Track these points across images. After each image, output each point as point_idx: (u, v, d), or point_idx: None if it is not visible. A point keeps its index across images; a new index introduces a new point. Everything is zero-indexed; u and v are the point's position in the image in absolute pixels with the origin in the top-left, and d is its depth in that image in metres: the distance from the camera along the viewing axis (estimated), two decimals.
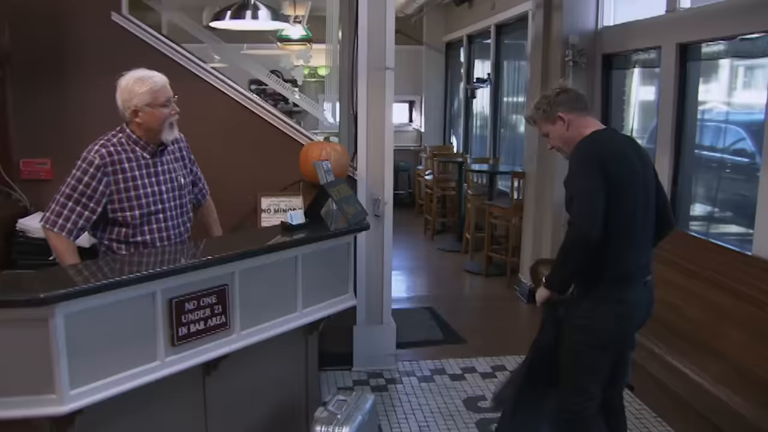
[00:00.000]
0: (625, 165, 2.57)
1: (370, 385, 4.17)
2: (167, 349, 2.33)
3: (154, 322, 2.28)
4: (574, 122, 2.70)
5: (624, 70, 5.26)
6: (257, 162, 4.08)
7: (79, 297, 2.04)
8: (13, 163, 3.80)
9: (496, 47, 7.66)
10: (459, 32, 9.22)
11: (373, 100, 4.12)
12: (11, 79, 3.73)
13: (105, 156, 2.72)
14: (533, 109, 2.81)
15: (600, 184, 2.47)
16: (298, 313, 2.85)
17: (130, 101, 2.75)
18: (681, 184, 4.49)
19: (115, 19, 3.82)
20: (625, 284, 2.59)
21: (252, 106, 4.05)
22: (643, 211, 2.63)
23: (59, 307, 1.99)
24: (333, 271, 3.04)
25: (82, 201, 2.68)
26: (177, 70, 3.90)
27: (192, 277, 2.38)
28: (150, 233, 2.83)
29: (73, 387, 2.07)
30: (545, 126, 2.78)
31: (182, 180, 2.97)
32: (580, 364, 2.68)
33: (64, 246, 2.68)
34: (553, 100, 2.73)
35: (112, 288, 2.13)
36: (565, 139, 2.72)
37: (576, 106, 2.71)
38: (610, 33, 5.26)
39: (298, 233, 2.86)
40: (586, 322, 2.61)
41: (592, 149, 2.60)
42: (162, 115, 2.78)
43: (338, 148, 3.86)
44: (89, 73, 3.75)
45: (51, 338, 2.00)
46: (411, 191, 10.48)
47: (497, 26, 7.53)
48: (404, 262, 7.13)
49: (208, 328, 2.45)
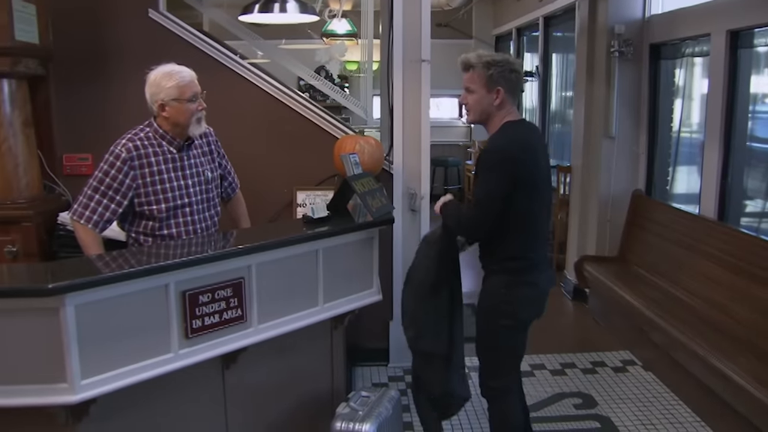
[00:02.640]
0: (535, 164, 2.68)
1: (405, 381, 4.10)
2: (181, 342, 2.31)
3: (167, 314, 2.27)
4: (504, 104, 2.68)
5: (673, 60, 5.01)
6: (294, 156, 4.07)
7: (89, 288, 2.04)
8: (57, 159, 3.87)
9: (544, 40, 7.45)
10: (508, 25, 9.03)
11: (409, 93, 4.05)
12: (54, 77, 3.79)
13: (132, 150, 2.74)
14: (481, 63, 2.65)
15: (503, 191, 2.58)
16: (319, 307, 2.80)
17: (157, 95, 2.76)
18: (731, 177, 4.24)
19: (152, 17, 3.85)
20: (536, 269, 2.75)
21: (290, 102, 4.03)
22: (547, 205, 2.84)
23: (69, 297, 2.00)
24: (357, 266, 2.98)
25: (108, 194, 2.71)
26: (215, 66, 3.91)
27: (206, 269, 2.36)
28: (176, 227, 2.84)
29: (84, 377, 2.07)
30: (478, 86, 2.67)
31: (209, 174, 2.97)
32: (504, 344, 2.82)
33: (90, 238, 2.71)
34: (507, 75, 2.65)
35: (122, 279, 2.13)
36: (485, 111, 2.70)
37: (516, 91, 2.72)
38: (659, 21, 5.02)
39: (320, 226, 2.82)
40: (507, 306, 2.73)
41: (508, 149, 2.63)
42: (189, 110, 2.78)
43: (372, 142, 3.80)
44: (128, 70, 3.76)
45: (62, 328, 2.01)
46: (461, 186, 10.35)
47: (545, 18, 7.32)
48: None
49: (224, 321, 2.43)
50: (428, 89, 4.09)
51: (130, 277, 2.15)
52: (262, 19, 4.17)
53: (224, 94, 3.78)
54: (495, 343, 2.83)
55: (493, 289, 2.78)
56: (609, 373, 4.25)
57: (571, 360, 4.47)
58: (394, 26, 3.99)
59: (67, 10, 3.74)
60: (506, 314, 2.74)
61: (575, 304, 5.61)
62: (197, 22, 5.02)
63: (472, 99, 2.71)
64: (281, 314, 2.65)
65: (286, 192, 4.02)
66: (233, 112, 3.93)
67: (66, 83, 3.83)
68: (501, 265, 2.76)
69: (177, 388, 2.43)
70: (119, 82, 3.84)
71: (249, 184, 3.39)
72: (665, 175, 5.19)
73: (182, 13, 4.29)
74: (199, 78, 2.84)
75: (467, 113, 2.78)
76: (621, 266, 5.06)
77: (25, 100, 3.48)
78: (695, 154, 4.83)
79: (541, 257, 2.79)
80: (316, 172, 4.02)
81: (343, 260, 2.89)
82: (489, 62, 2.64)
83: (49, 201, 3.65)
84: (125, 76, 3.80)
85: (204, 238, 2.85)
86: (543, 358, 4.45)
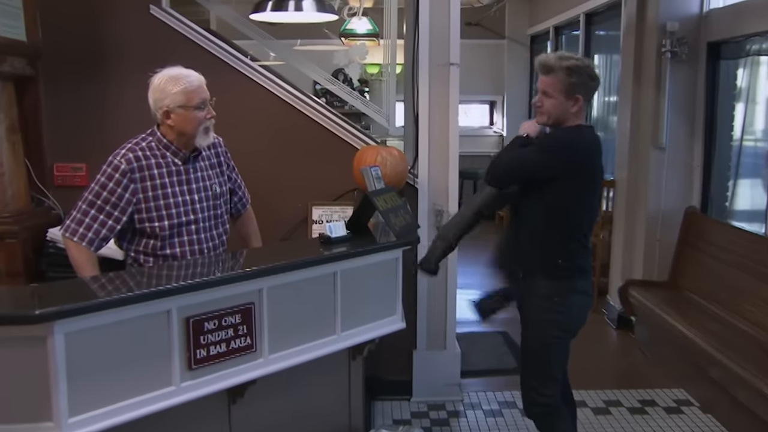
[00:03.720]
0: (597, 170, 2.90)
1: (429, 418, 4.06)
2: (183, 373, 2.28)
3: (169, 343, 2.24)
4: (580, 111, 2.83)
5: (735, 59, 4.93)
6: (310, 169, 4.07)
7: (82, 314, 2.02)
8: (47, 168, 3.87)
9: (585, 39, 7.44)
10: (545, 23, 9.03)
11: (436, 100, 4.06)
12: (44, 78, 3.79)
13: (132, 161, 2.73)
14: (563, 69, 2.76)
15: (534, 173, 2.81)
16: (336, 335, 2.77)
17: (161, 101, 2.75)
18: None
19: (154, 13, 3.86)
20: (585, 276, 2.96)
21: (305, 108, 4.03)
22: (595, 216, 3.04)
23: (58, 324, 1.97)
24: (378, 290, 2.95)
25: (105, 209, 2.70)
26: (223, 69, 3.93)
27: (212, 294, 2.34)
28: (180, 246, 2.83)
29: (73, 414, 2.04)
30: (557, 92, 2.78)
31: (217, 188, 2.96)
32: (554, 355, 2.96)
33: (83, 257, 2.70)
34: (587, 83, 2.79)
35: (119, 304, 2.10)
36: (560, 117, 2.82)
37: (591, 98, 2.94)
38: (719, 16, 4.94)
39: (338, 247, 2.79)
40: (561, 317, 2.88)
41: (577, 144, 2.82)
42: (196, 118, 2.77)
43: (395, 153, 3.78)
44: (127, 71, 3.81)
45: (49, 359, 1.98)
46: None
47: (587, 15, 7.32)
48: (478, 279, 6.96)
49: (231, 350, 2.40)
50: (457, 95, 4.09)
51: (127, 302, 2.12)
52: (275, 18, 4.18)
53: (233, 100, 3.79)
54: (546, 358, 2.96)
55: (543, 299, 2.89)
56: (661, 414, 4.16)
57: (616, 397, 4.39)
58: (420, 26, 4.00)
59: (58, 4, 3.77)
60: (560, 325, 2.90)
61: (620, 333, 5.53)
62: (204, 19, 5.07)
63: (549, 104, 2.81)
64: (294, 343, 2.62)
65: (300, 208, 4.02)
66: (243, 119, 3.93)
67: (57, 85, 3.85)
68: (550, 270, 2.87)
69: (178, 424, 2.40)
70: (117, 84, 3.86)
71: (260, 199, 3.38)
72: (724, 190, 5.11)
73: (187, 9, 4.32)
74: (206, 82, 2.83)
75: (540, 115, 2.87)
76: (672, 292, 4.97)
77: (10, 104, 3.49)
78: (760, 165, 4.74)
79: (589, 264, 3.00)
80: (333, 186, 4.02)
81: (363, 284, 2.86)
82: (571, 68, 2.74)
83: (38, 215, 3.66)
84: (124, 77, 3.83)
85: (211, 258, 2.83)
86: (584, 395, 4.37)
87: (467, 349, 4.42)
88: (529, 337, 3.01)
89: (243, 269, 2.50)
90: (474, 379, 4.57)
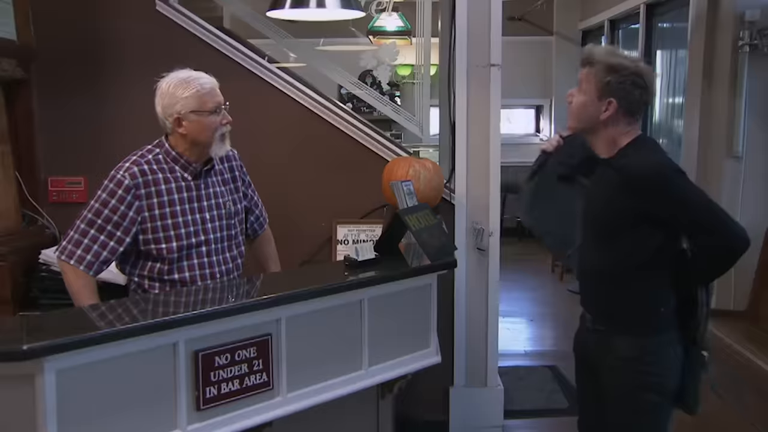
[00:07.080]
0: None
1: None
2: (190, 415, 2.28)
3: (175, 381, 2.25)
4: (616, 121, 2.57)
5: None
6: (334, 183, 4.11)
7: (76, 348, 2.02)
8: (40, 182, 3.91)
9: (646, 33, 7.40)
10: (598, 17, 9.00)
11: (474, 105, 4.08)
12: (38, 82, 3.84)
13: (137, 175, 2.77)
14: (603, 64, 2.53)
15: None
16: (364, 371, 2.77)
17: (172, 107, 2.78)
18: None
19: (161, 10, 3.92)
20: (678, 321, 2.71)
21: (328, 116, 4.06)
22: None
23: (49, 361, 1.97)
24: (410, 319, 2.95)
25: (107, 229, 2.73)
26: (238, 71, 3.99)
27: (225, 324, 2.34)
28: (190, 270, 2.86)
29: None
30: (590, 88, 2.55)
31: (231, 206, 2.99)
32: (653, 424, 2.70)
33: (81, 282, 2.73)
34: (628, 88, 2.52)
35: (119, 337, 2.11)
36: (587, 121, 2.60)
37: (636, 111, 2.58)
38: None
39: (366, 271, 2.80)
40: (659, 379, 2.64)
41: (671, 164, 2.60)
42: (211, 124, 2.80)
43: (429, 166, 3.79)
44: (130, 74, 3.86)
45: (37, 401, 1.97)
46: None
47: (648, 6, 7.29)
48: (522, 307, 6.97)
49: (245, 388, 2.40)
50: (498, 99, 4.10)
51: (129, 335, 2.13)
52: (296, 15, 4.21)
53: (249, 107, 3.83)
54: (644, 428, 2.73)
55: (631, 359, 2.64)
56: None
57: None
58: (457, 22, 4.02)
59: (53, 0, 3.83)
60: (655, 387, 2.64)
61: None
62: (216, 16, 5.13)
63: (577, 100, 2.62)
64: (316, 380, 2.62)
65: (324, 227, 4.04)
66: (260, 128, 3.97)
67: (52, 90, 3.90)
68: (641, 318, 2.66)
69: None
70: (119, 89, 3.93)
71: (279, 218, 3.42)
72: None
73: (198, 5, 4.39)
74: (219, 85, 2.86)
75: (568, 115, 2.70)
76: (752, 323, 4.88)
77: None
78: None
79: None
80: (360, 202, 4.04)
81: (393, 313, 2.87)
82: (612, 66, 2.53)
83: (29, 235, 3.70)
84: (127, 81, 3.89)
85: (223, 284, 2.85)
86: None
87: (511, 386, 4.40)
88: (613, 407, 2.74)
89: (259, 296, 2.52)
90: (519, 420, 4.57)
